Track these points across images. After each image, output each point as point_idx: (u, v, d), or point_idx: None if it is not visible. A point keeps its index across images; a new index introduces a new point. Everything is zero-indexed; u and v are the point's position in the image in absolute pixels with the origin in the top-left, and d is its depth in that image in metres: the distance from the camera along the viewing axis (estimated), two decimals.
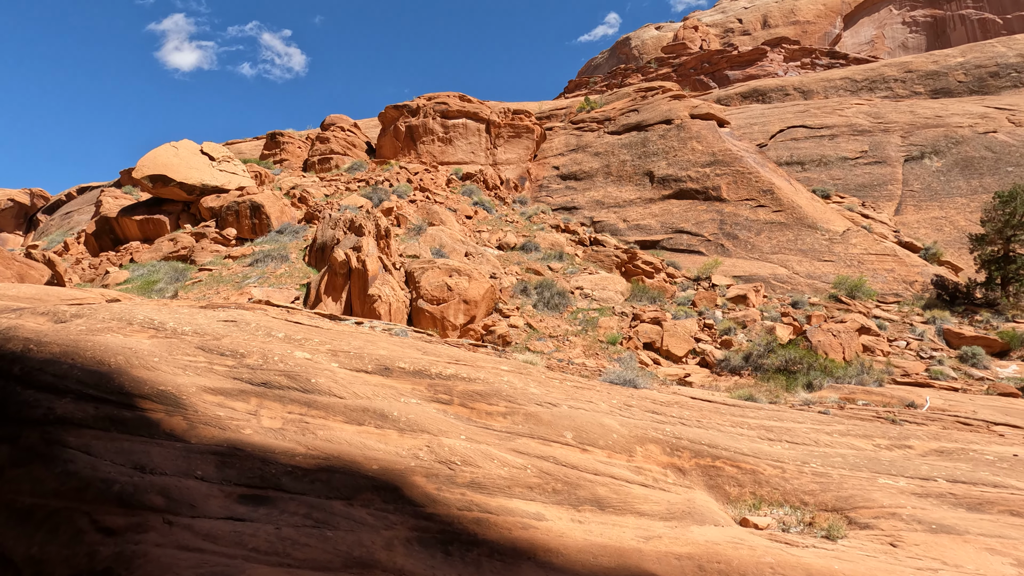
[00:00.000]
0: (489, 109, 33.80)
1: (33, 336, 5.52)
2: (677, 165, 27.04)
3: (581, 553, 3.75)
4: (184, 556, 3.08)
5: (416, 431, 4.71)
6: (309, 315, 8.48)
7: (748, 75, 51.40)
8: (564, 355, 13.60)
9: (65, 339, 5.36)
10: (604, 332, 15.36)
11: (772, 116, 34.58)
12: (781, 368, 13.03)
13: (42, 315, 6.48)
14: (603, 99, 37.74)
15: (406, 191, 25.29)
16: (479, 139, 32.87)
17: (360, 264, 14.38)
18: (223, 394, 4.88)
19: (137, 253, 21.03)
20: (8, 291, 9.46)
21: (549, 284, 17.29)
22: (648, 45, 66.55)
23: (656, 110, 30.88)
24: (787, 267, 20.88)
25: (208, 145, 25.17)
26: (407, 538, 3.67)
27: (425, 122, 32.31)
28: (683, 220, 24.73)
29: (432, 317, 14.19)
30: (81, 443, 4.19)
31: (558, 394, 5.91)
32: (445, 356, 6.55)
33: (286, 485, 3.96)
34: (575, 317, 16.23)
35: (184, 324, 5.95)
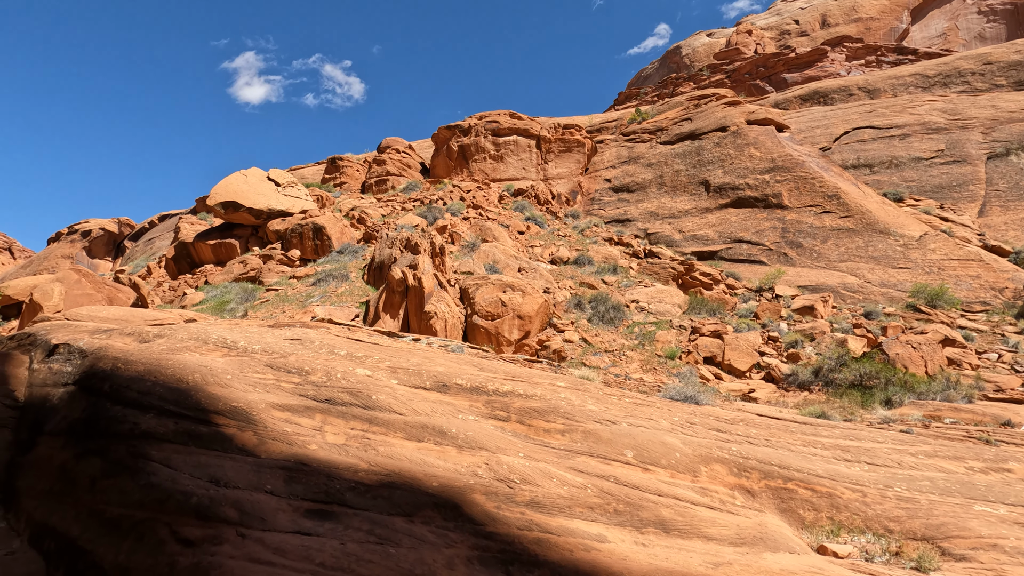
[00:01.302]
0: (539, 125, 34.04)
1: (121, 355, 5.93)
2: (734, 173, 26.23)
3: None
4: (256, 569, 3.19)
5: (475, 448, 4.71)
6: (369, 332, 8.71)
7: (807, 77, 49.45)
8: (621, 370, 13.33)
9: (148, 358, 5.72)
10: (662, 346, 14.97)
11: (835, 118, 33.04)
12: (855, 383, 12.25)
13: (128, 335, 6.96)
14: (654, 109, 37.26)
15: (459, 209, 25.74)
16: (530, 155, 33.11)
17: (416, 282, 14.69)
18: (290, 410, 5.07)
19: (211, 275, 22.35)
20: (99, 313, 10.23)
21: (604, 298, 17.06)
22: (700, 53, 65.35)
23: (710, 118, 30.17)
24: (858, 275, 19.73)
25: (274, 172, 26.57)
26: (468, 557, 3.65)
27: (477, 140, 32.88)
28: (742, 229, 23.89)
29: (487, 333, 14.28)
30: (163, 456, 4.44)
31: (617, 411, 5.77)
32: (501, 372, 6.55)
33: (350, 500, 4.04)
34: (631, 331, 15.92)
35: (254, 343, 6.23)
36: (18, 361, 7.03)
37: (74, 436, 5.27)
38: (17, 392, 6.48)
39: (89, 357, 6.25)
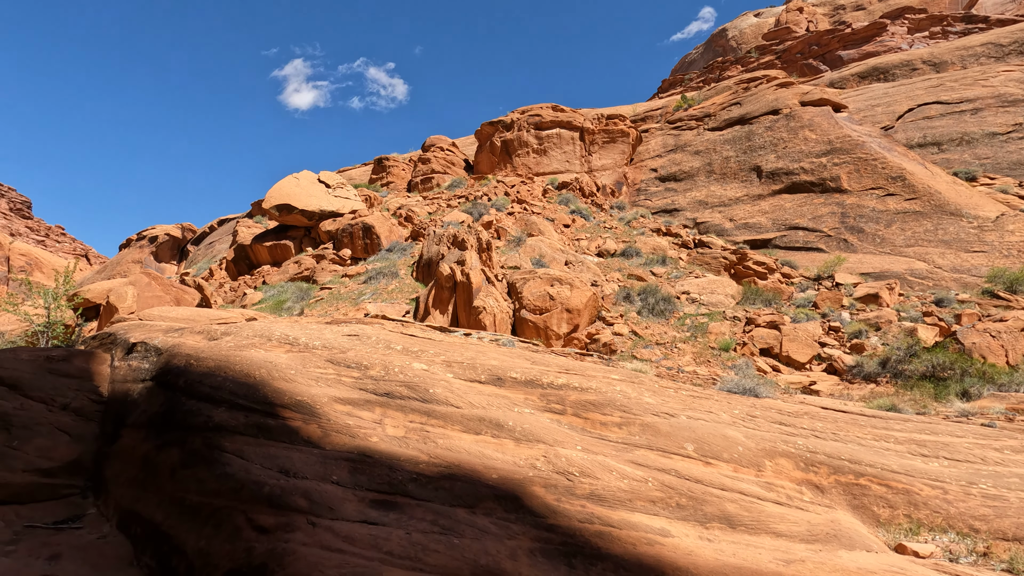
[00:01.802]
0: (582, 117, 33.67)
1: (192, 352, 6.25)
2: (788, 157, 25.20)
3: (714, 573, 3.52)
4: (328, 556, 3.29)
5: (532, 441, 4.72)
6: (421, 328, 8.85)
7: (865, 53, 46.87)
8: (673, 363, 13.07)
9: (218, 355, 6.01)
10: (715, 338, 14.57)
11: (898, 94, 31.19)
12: (927, 375, 11.57)
13: (198, 333, 7.33)
14: (700, 95, 36.21)
15: (504, 204, 25.81)
16: (573, 147, 32.82)
17: (464, 277, 14.84)
18: (351, 404, 5.21)
19: (268, 276, 23.28)
20: (169, 313, 10.81)
21: (653, 290, 16.75)
22: (747, 34, 62.99)
23: (761, 101, 29.06)
24: (926, 261, 18.59)
25: (324, 174, 27.38)
26: (530, 549, 3.66)
27: (519, 135, 32.85)
28: (798, 216, 22.93)
29: (535, 327, 14.27)
30: (235, 448, 4.65)
31: (674, 404, 5.66)
32: (554, 366, 6.53)
33: (412, 491, 4.12)
34: (682, 323, 15.56)
35: (314, 339, 6.44)
36: (101, 359, 7.52)
37: (154, 428, 5.59)
38: (101, 388, 6.94)
39: (164, 354, 6.62)
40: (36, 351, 7.51)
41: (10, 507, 5.41)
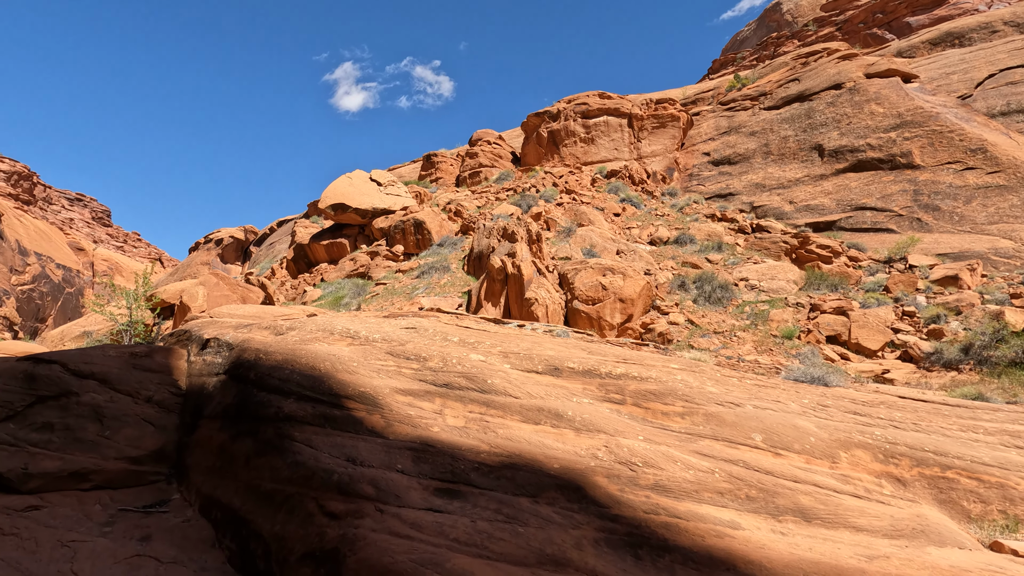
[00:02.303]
0: (630, 103, 32.95)
1: (261, 347, 6.53)
2: (853, 134, 23.79)
3: (789, 568, 3.38)
4: (396, 542, 3.37)
5: (592, 431, 4.67)
6: (476, 320, 8.93)
7: (937, 18, 43.55)
8: (732, 352, 12.64)
9: (285, 348, 6.25)
10: (777, 326, 13.98)
11: (976, 60, 28.83)
12: (1017, 361, 10.70)
13: (265, 329, 7.66)
14: (754, 74, 34.70)
15: (552, 195, 25.64)
16: (621, 135, 32.20)
17: (515, 269, 14.85)
18: (412, 394, 5.31)
19: (325, 273, 24.09)
20: (237, 311, 11.34)
21: (709, 277, 16.24)
22: (803, 7, 59.76)
23: (821, 75, 27.55)
24: (1013, 239, 17.15)
25: (375, 172, 28.02)
26: (595, 539, 3.62)
27: (566, 125, 32.51)
28: (864, 195, 21.65)
29: (588, 317, 14.13)
30: (304, 437, 4.83)
31: (739, 393, 5.46)
32: (611, 355, 6.43)
33: (475, 480, 4.16)
34: (741, 311, 15.02)
35: (374, 332, 6.60)
36: (178, 354, 7.99)
37: (228, 419, 5.89)
38: (180, 381, 7.37)
39: (235, 349, 6.95)
40: (121, 348, 8.05)
41: (105, 491, 5.84)
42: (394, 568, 3.14)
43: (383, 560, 3.21)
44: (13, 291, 48.32)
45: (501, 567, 3.17)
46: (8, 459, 5.66)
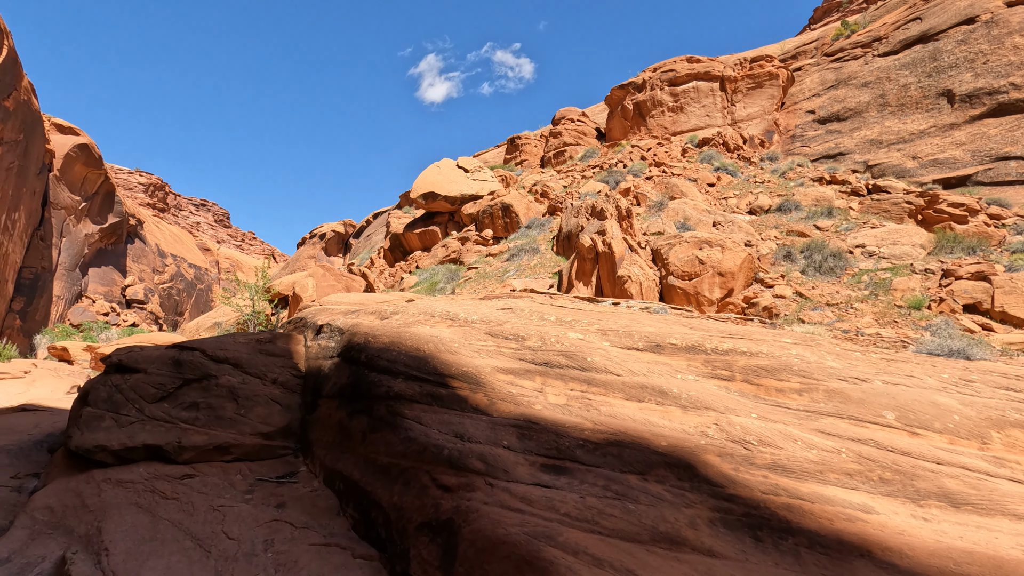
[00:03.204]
0: (721, 65, 30.94)
1: (369, 331, 6.91)
2: (991, 74, 20.78)
3: (935, 557, 3.07)
4: (508, 515, 3.45)
5: (700, 408, 4.49)
6: (570, 299, 8.87)
7: None
8: (849, 325, 11.62)
9: (390, 331, 6.57)
10: (902, 295, 12.66)
11: None
12: None
13: (371, 314, 8.10)
14: (865, 18, 31.21)
15: (641, 169, 24.81)
16: (713, 100, 30.37)
17: (606, 247, 14.57)
18: (512, 373, 5.39)
19: (420, 260, 25.06)
20: (343, 299, 12.08)
21: (819, 245, 14.99)
22: None
23: (949, 11, 24.23)
24: None
25: (462, 159, 28.57)
26: (710, 518, 3.50)
27: (653, 95, 31.19)
28: (1008, 143, 18.90)
29: (684, 293, 13.59)
30: (414, 415, 5.06)
31: (864, 368, 5.01)
32: (715, 331, 6.14)
33: (580, 457, 4.15)
34: (858, 280, 13.75)
35: (472, 314, 6.76)
36: (296, 340, 8.67)
37: (344, 398, 6.31)
38: (299, 364, 8.00)
39: (345, 334, 7.42)
40: (248, 335, 8.87)
41: (244, 463, 6.50)
42: (508, 540, 3.22)
43: (496, 532, 3.29)
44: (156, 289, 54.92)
45: (614, 543, 3.15)
46: (165, 434, 6.45)
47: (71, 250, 44.84)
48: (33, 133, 36.84)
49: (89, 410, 6.80)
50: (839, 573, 3.06)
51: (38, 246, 40.60)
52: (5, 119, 31.99)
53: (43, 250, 41.03)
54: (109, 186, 49.76)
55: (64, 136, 44.87)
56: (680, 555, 3.12)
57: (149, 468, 6.07)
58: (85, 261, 47.36)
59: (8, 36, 31.74)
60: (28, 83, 35.78)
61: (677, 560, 3.06)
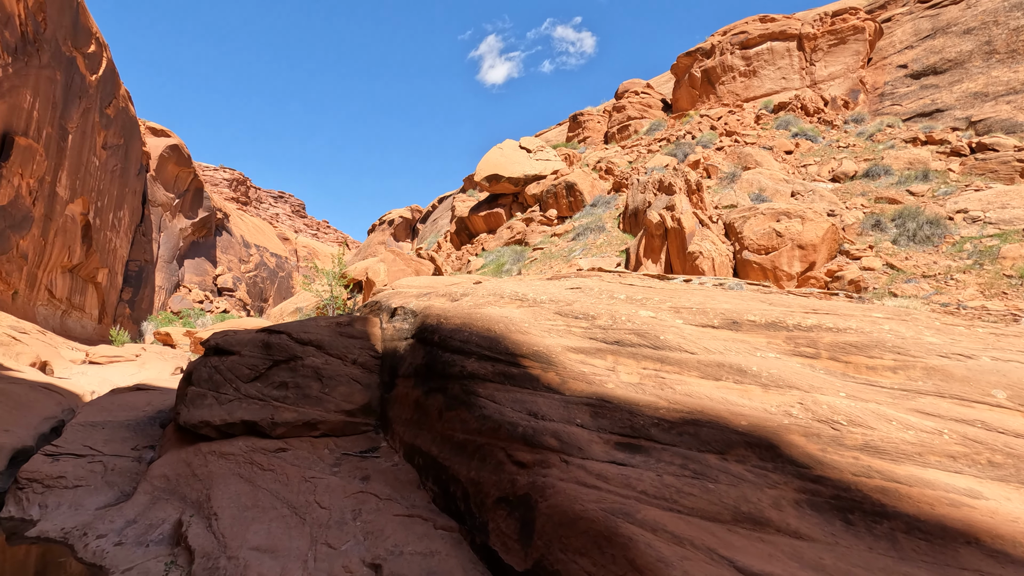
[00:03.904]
0: (798, 21, 28.79)
1: (440, 312, 7.10)
2: None
3: None
4: (584, 491, 3.48)
5: (782, 387, 4.30)
6: (639, 277, 8.70)
7: None
8: (949, 298, 10.67)
9: (461, 313, 6.72)
10: (1012, 264, 11.46)
11: None
12: None
13: (442, 296, 8.30)
14: None
15: (711, 139, 23.71)
16: (790, 61, 28.39)
17: (675, 223, 14.12)
18: (583, 352, 5.38)
19: (485, 243, 25.32)
20: (414, 282, 12.43)
21: (913, 212, 13.80)
22: None
23: None
24: None
25: (524, 140, 28.42)
26: (795, 500, 3.37)
27: (722, 60, 29.57)
28: None
29: (760, 269, 12.96)
30: (487, 393, 5.17)
31: (969, 343, 4.61)
32: (797, 306, 5.83)
33: (655, 436, 4.10)
34: (959, 249, 12.57)
35: (541, 294, 6.78)
36: (372, 322, 9.04)
37: (419, 378, 6.54)
38: (376, 345, 8.35)
39: (419, 316, 7.66)
40: (329, 319, 9.35)
41: (330, 439, 6.91)
42: (585, 515, 3.25)
43: (574, 507, 3.33)
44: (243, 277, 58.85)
45: (694, 522, 3.11)
46: (259, 410, 6.96)
47: (168, 243, 48.78)
48: (131, 137, 40.12)
49: (193, 389, 7.44)
50: (942, 560, 2.87)
51: (141, 241, 44.47)
52: (108, 125, 34.99)
53: (145, 244, 44.90)
54: (198, 183, 53.52)
55: (157, 138, 48.57)
56: (764, 536, 3.03)
57: (247, 442, 6.59)
58: (180, 253, 51.40)
59: (106, 48, 34.54)
60: (125, 91, 38.88)
61: (761, 541, 2.98)
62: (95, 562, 4.88)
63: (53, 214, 27.78)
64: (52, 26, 26.16)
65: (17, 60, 23.06)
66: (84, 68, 30.68)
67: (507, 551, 3.76)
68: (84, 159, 31.15)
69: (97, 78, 32.60)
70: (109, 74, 35.02)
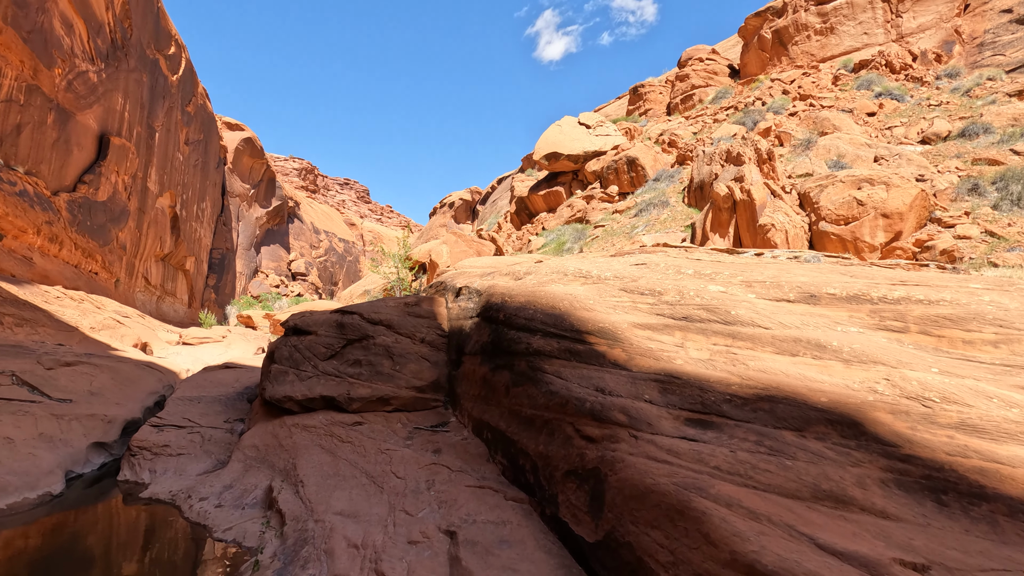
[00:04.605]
0: None
1: (505, 291, 7.18)
2: None
3: None
4: (655, 466, 3.47)
5: (866, 362, 4.08)
6: (707, 251, 8.43)
7: None
8: None
9: (525, 291, 6.77)
10: None
11: None
12: None
13: (505, 275, 8.39)
14: None
15: (783, 105, 22.35)
16: (872, 14, 26.15)
17: (744, 195, 13.51)
18: (650, 329, 5.30)
19: (545, 222, 25.23)
20: (476, 263, 12.61)
21: (1018, 174, 12.51)
22: None
23: None
24: None
25: (583, 115, 27.91)
26: (881, 479, 3.22)
27: (796, 18, 27.66)
28: None
29: (839, 240, 12.21)
30: (554, 370, 5.22)
31: None
32: (882, 278, 5.48)
33: (727, 412, 4.01)
34: None
35: (605, 271, 6.72)
36: (438, 302, 9.28)
37: (486, 355, 6.68)
38: (443, 325, 8.58)
39: (483, 295, 7.79)
40: (397, 300, 9.67)
41: (402, 413, 7.21)
42: (656, 489, 3.25)
43: (645, 481, 3.33)
44: (314, 262, 61.72)
45: (771, 498, 3.03)
46: (336, 387, 7.35)
47: (246, 232, 51.80)
48: (210, 132, 42.64)
49: (276, 367, 7.95)
50: None
51: (222, 230, 47.46)
52: (189, 122, 37.34)
53: (226, 233, 47.90)
54: (270, 173, 56.29)
55: (232, 132, 51.35)
56: (847, 514, 2.92)
57: (326, 416, 6.99)
58: (257, 241, 54.47)
59: (184, 49, 36.69)
60: (202, 89, 41.25)
61: (844, 519, 2.88)
62: (199, 522, 5.37)
63: (145, 207, 30.10)
64: (137, 31, 28.04)
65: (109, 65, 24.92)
66: (166, 69, 32.72)
67: (577, 523, 3.82)
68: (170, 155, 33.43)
69: (178, 78, 34.71)
70: (188, 73, 37.19)
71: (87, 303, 19.24)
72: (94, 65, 23.62)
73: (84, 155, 23.81)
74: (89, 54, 23.40)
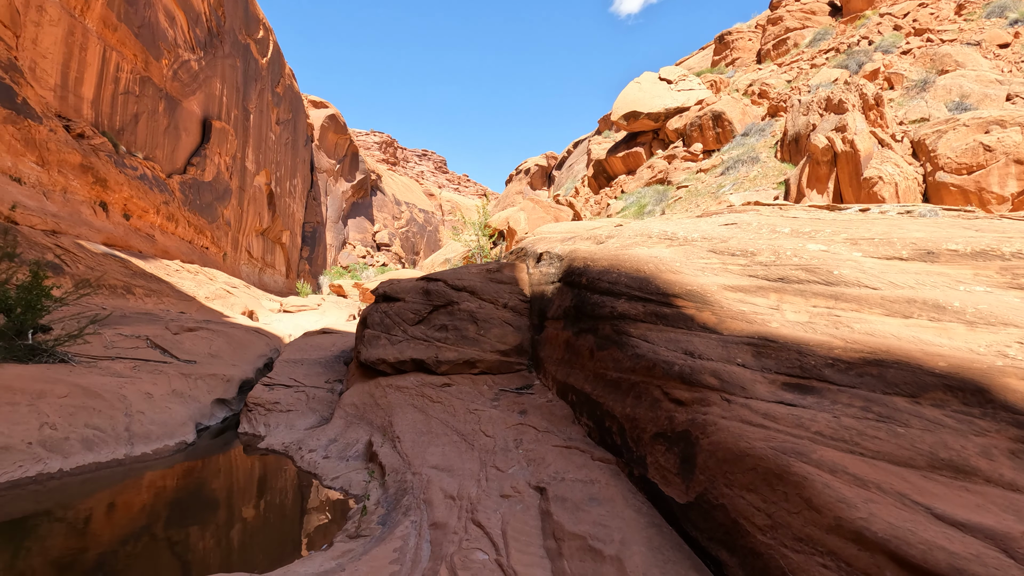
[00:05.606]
0: None
1: (587, 255, 7.12)
2: None
3: None
4: (750, 430, 3.37)
5: (994, 324, 3.70)
6: (804, 209, 7.87)
7: None
8: None
9: (607, 255, 6.68)
10: None
11: None
12: None
13: (586, 240, 8.30)
14: None
15: (894, 43, 20.02)
16: None
17: (847, 145, 12.37)
18: (741, 291, 5.08)
19: (624, 185, 24.51)
20: (555, 228, 12.53)
21: None
22: None
23: None
24: None
25: (664, 70, 26.52)
26: (1011, 449, 2.94)
27: None
28: None
29: (960, 191, 10.94)
30: (639, 333, 5.15)
31: None
32: (1016, 231, 4.89)
33: (829, 377, 3.80)
34: None
35: (691, 232, 6.47)
36: (520, 268, 9.37)
37: (568, 319, 6.71)
38: (524, 290, 8.67)
39: (564, 260, 7.77)
40: (479, 266, 9.87)
41: (487, 376, 7.44)
42: (752, 453, 3.17)
43: (739, 444, 3.26)
44: (396, 233, 64.04)
45: (880, 465, 2.87)
46: (425, 350, 7.68)
47: (334, 205, 54.50)
48: (297, 111, 44.80)
49: (369, 332, 8.43)
50: None
51: (312, 205, 50.24)
52: (278, 103, 39.39)
53: (316, 208, 50.67)
54: (353, 148, 58.48)
55: (318, 110, 53.63)
56: (970, 485, 2.71)
57: (416, 377, 7.35)
58: (344, 214, 57.19)
59: (271, 32, 38.46)
60: (289, 69, 43.22)
61: (966, 490, 2.68)
62: (310, 471, 5.89)
63: (245, 185, 32.38)
64: (229, 18, 29.69)
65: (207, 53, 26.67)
66: (256, 53, 34.53)
67: (667, 484, 3.82)
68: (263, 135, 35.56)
69: (267, 60, 36.55)
70: (276, 56, 39.04)
71: (201, 275, 21.21)
72: (194, 54, 25.38)
73: (191, 139, 25.88)
74: (190, 43, 25.15)
